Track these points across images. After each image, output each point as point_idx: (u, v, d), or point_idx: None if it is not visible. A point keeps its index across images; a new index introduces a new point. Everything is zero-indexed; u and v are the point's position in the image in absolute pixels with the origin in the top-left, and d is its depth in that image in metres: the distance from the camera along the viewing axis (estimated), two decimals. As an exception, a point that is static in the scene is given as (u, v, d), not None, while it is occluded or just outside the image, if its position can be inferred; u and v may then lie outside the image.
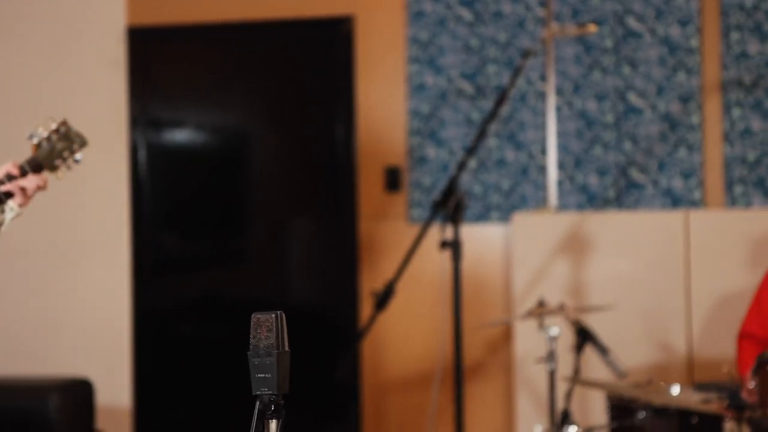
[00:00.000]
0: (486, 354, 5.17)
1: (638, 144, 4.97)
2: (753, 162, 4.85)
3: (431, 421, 4.49)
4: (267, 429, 1.45)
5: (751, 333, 3.90)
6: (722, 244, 4.61)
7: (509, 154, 5.14)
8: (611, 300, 4.68)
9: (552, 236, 4.78)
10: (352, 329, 5.26)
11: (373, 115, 5.35)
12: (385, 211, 5.33)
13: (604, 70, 5.02)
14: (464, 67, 5.19)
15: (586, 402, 4.55)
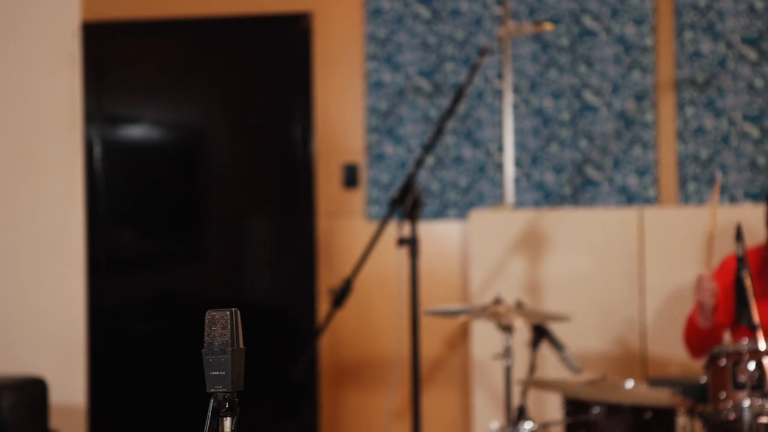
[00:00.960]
0: (443, 351, 5.19)
1: (594, 142, 5.01)
2: (706, 160, 4.91)
3: (388, 418, 4.50)
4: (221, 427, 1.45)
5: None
6: (675, 241, 4.66)
7: (466, 151, 5.16)
8: (567, 296, 4.71)
9: (509, 233, 4.81)
10: (310, 326, 5.25)
11: (330, 112, 5.35)
12: (343, 208, 5.33)
13: (561, 68, 5.05)
14: (422, 64, 5.21)
15: (541, 398, 4.58)
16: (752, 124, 4.85)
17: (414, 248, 4.32)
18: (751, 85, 4.85)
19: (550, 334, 3.77)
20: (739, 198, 4.85)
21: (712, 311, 3.74)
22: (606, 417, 3.43)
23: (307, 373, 5.24)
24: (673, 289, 4.64)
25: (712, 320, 3.76)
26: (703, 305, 3.73)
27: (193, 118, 5.51)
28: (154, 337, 5.48)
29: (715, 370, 3.34)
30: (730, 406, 3.22)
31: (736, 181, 4.87)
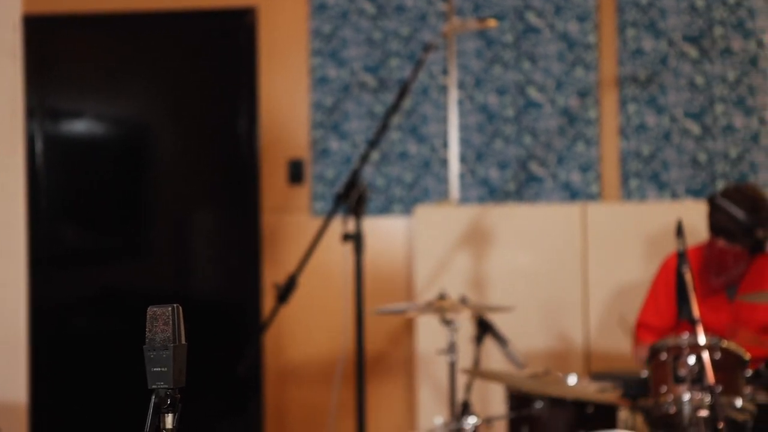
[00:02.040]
0: (388, 346, 5.20)
1: (538, 138, 5.05)
2: (648, 156, 4.96)
3: (333, 414, 4.50)
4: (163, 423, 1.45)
5: (647, 323, 4.00)
6: (618, 237, 4.71)
7: (411, 147, 5.17)
8: (511, 291, 4.75)
9: (454, 229, 4.82)
10: (255, 322, 5.24)
11: (276, 108, 5.33)
12: (288, 203, 5.32)
13: (505, 64, 5.08)
14: (367, 60, 5.21)
15: (485, 393, 4.61)
16: (693, 121, 4.91)
17: (359, 244, 4.32)
18: (692, 82, 4.92)
19: (495, 329, 3.80)
20: (681, 194, 4.92)
21: None
22: (549, 411, 3.46)
23: (252, 369, 5.22)
24: (616, 285, 4.69)
25: None
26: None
27: (136, 113, 5.46)
28: (97, 333, 5.43)
29: (656, 365, 3.38)
30: (670, 400, 3.26)
31: (678, 177, 4.93)
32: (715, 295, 3.90)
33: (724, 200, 3.77)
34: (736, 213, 3.72)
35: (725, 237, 3.79)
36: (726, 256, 3.81)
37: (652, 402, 3.34)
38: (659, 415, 3.31)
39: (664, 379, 3.32)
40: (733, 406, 3.27)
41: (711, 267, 3.87)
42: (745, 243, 3.78)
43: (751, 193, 3.79)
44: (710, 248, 3.85)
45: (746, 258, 3.82)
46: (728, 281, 3.88)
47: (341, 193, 4.34)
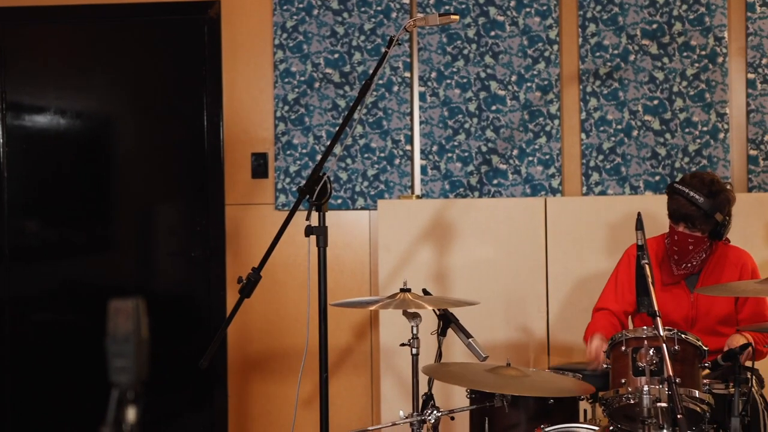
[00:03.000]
0: (352, 339, 5.21)
1: (499, 132, 5.08)
2: (608, 151, 5.01)
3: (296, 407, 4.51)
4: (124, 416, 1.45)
5: (605, 307, 4.03)
6: (579, 231, 4.75)
7: (375, 141, 5.18)
8: (473, 284, 4.77)
9: (416, 222, 4.85)
10: (219, 316, 5.24)
11: (239, 102, 5.32)
12: (252, 197, 5.31)
13: (467, 59, 5.11)
14: (330, 54, 5.22)
15: (448, 385, 4.63)
16: (653, 115, 4.96)
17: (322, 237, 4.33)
18: (652, 77, 4.96)
19: (457, 321, 3.82)
20: (641, 188, 4.97)
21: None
22: (510, 404, 3.49)
23: (216, 362, 5.22)
24: (576, 278, 4.73)
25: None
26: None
27: (99, 106, 5.43)
28: (59, 327, 5.40)
29: (617, 356, 3.42)
30: (630, 391, 3.30)
31: (638, 172, 4.98)
32: (676, 284, 3.95)
33: (682, 186, 3.82)
34: (694, 198, 3.77)
35: (685, 223, 3.83)
36: (686, 244, 3.85)
37: (612, 393, 3.38)
38: (619, 406, 3.35)
39: (624, 371, 3.36)
40: (691, 397, 3.32)
41: (671, 256, 3.91)
42: (704, 228, 3.82)
43: (708, 178, 3.84)
44: (671, 237, 3.90)
45: (706, 246, 3.87)
46: (688, 271, 3.92)
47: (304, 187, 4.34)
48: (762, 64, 4.88)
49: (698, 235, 3.82)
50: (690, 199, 3.77)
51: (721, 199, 3.79)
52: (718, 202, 3.78)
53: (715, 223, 3.79)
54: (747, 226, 4.59)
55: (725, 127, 4.90)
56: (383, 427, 4.69)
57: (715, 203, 3.77)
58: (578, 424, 3.49)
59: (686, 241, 3.84)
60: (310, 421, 4.90)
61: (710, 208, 3.77)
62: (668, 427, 3.32)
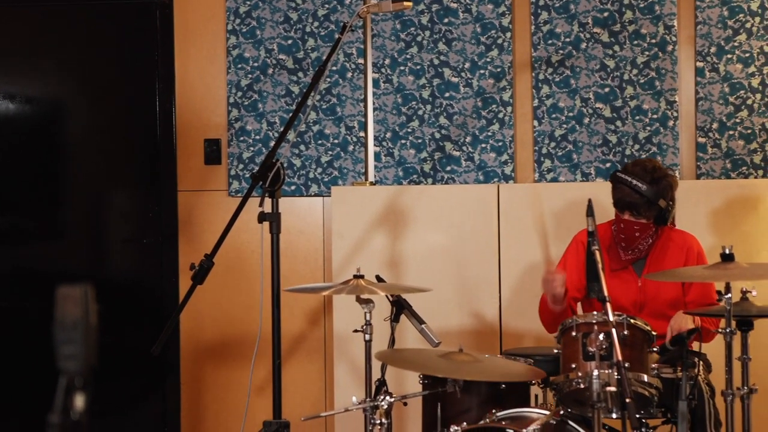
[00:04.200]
0: (305, 326, 5.22)
1: (453, 119, 5.10)
2: (559, 138, 5.05)
3: (249, 394, 4.51)
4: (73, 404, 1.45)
5: None
6: (531, 217, 4.79)
7: (328, 127, 5.18)
8: (426, 270, 4.79)
9: (370, 209, 4.85)
10: (171, 302, 5.22)
11: (192, 88, 5.30)
12: (205, 184, 5.30)
13: (421, 46, 5.12)
14: (283, 40, 5.20)
15: (401, 371, 4.65)
16: (604, 103, 5.00)
17: (275, 224, 4.33)
18: (603, 65, 5.01)
19: (410, 308, 3.83)
20: (592, 175, 5.01)
21: (563, 297, 3.87)
22: (462, 389, 3.51)
23: (169, 349, 5.20)
24: (528, 264, 4.76)
25: (563, 304, 3.88)
26: (554, 296, 3.86)
27: (50, 91, 5.38)
28: (9, 314, 5.35)
29: (567, 342, 3.46)
30: (580, 376, 3.34)
31: (589, 159, 5.02)
32: (624, 270, 3.99)
33: (625, 175, 3.86)
34: (637, 186, 3.82)
35: (630, 211, 3.88)
36: (632, 231, 3.90)
37: (562, 378, 3.41)
38: (569, 390, 3.38)
39: (574, 356, 3.40)
40: (640, 381, 3.36)
41: (619, 243, 3.96)
42: (649, 215, 3.87)
43: (650, 165, 3.89)
44: (617, 224, 3.94)
45: (652, 231, 3.92)
46: (635, 256, 3.97)
47: (257, 174, 4.34)
48: (710, 53, 4.94)
49: (643, 222, 3.88)
50: (633, 187, 3.82)
51: (664, 185, 3.85)
52: (661, 188, 3.84)
53: (659, 209, 3.85)
54: (695, 213, 4.65)
55: (674, 115, 4.96)
56: (336, 413, 4.71)
57: (658, 190, 3.83)
58: (529, 409, 3.53)
59: (632, 229, 3.89)
60: (263, 408, 4.90)
61: (653, 195, 3.82)
62: (617, 411, 3.37)
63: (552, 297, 3.87)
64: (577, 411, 3.44)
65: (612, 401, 3.27)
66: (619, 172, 3.90)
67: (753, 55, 4.91)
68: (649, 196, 3.82)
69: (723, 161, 4.93)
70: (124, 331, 5.25)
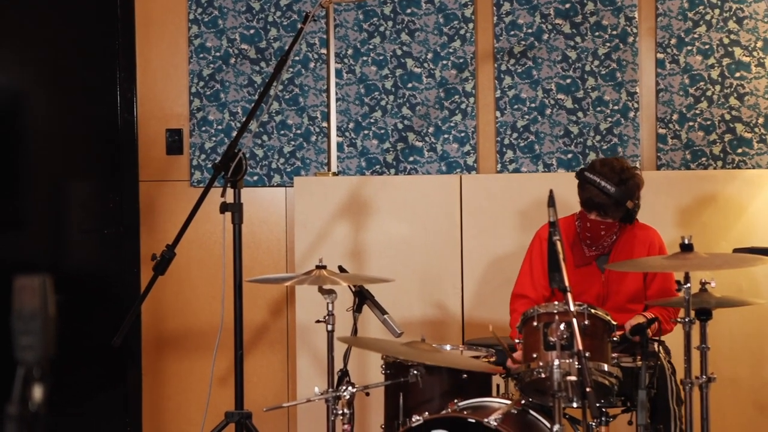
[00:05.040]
0: (267, 316, 5.21)
1: (415, 110, 5.10)
2: (522, 129, 5.06)
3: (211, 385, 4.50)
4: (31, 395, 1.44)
5: (523, 294, 4.08)
6: (493, 208, 4.80)
7: (291, 118, 5.17)
8: (389, 261, 4.80)
9: (333, 199, 4.85)
10: (132, 293, 5.19)
11: (153, 77, 5.27)
12: (167, 174, 5.27)
13: (383, 36, 5.12)
14: (246, 30, 5.18)
15: (363, 362, 4.66)
16: (565, 94, 5.03)
17: (237, 214, 4.32)
18: (565, 56, 5.03)
19: (372, 298, 3.84)
20: (554, 166, 5.03)
21: None
22: (424, 378, 3.52)
23: (130, 340, 5.17)
24: (490, 255, 4.78)
25: None
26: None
27: (10, 80, 5.32)
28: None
29: (528, 331, 3.47)
30: (541, 366, 3.36)
31: (551, 150, 5.04)
32: (587, 265, 4.01)
33: (592, 175, 3.87)
34: (606, 188, 3.83)
35: (597, 211, 3.89)
36: (598, 230, 3.92)
37: (523, 368, 3.43)
38: (530, 380, 3.40)
39: (535, 345, 3.42)
40: (600, 371, 3.38)
41: (584, 239, 3.98)
42: (616, 215, 3.90)
43: (618, 165, 3.90)
44: (582, 222, 3.96)
45: (616, 228, 3.95)
46: (599, 251, 3.99)
47: (219, 164, 4.32)
48: (671, 44, 4.97)
49: (610, 222, 3.90)
50: (602, 189, 3.83)
51: (631, 186, 3.87)
52: (628, 189, 3.86)
53: (626, 209, 3.87)
54: (655, 204, 4.68)
55: (635, 106, 4.99)
56: (298, 404, 4.71)
57: (625, 191, 3.85)
58: (491, 399, 3.55)
59: (598, 228, 3.91)
60: (225, 399, 4.89)
61: (621, 196, 3.84)
62: (577, 400, 3.39)
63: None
64: (538, 400, 3.46)
65: (572, 390, 3.29)
66: (587, 172, 3.89)
67: (713, 46, 4.95)
68: (616, 197, 3.84)
69: (683, 152, 4.97)
70: (85, 321, 5.21)
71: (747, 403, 4.71)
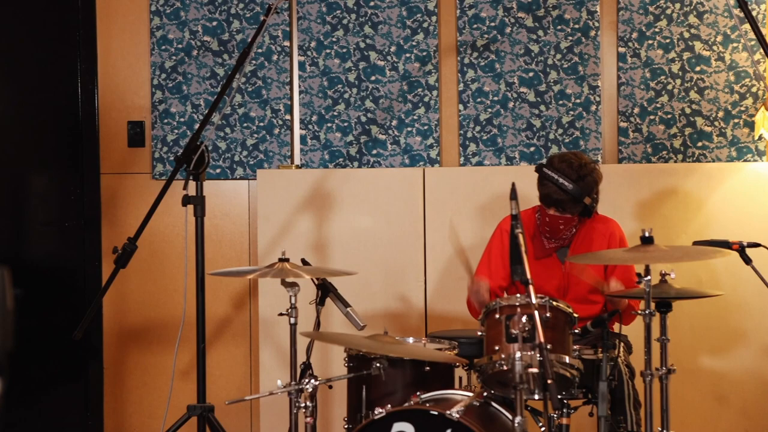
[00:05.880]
0: (230, 309, 5.20)
1: (379, 103, 5.10)
2: (484, 122, 5.08)
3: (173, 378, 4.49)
4: (-10, 388, 1.43)
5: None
6: (456, 201, 4.82)
7: (254, 110, 5.15)
8: (352, 254, 4.80)
9: (296, 192, 4.84)
10: (94, 286, 5.15)
11: (115, 69, 5.23)
12: (129, 166, 5.24)
13: (347, 29, 5.11)
14: (209, 22, 5.16)
15: (326, 354, 4.66)
16: (528, 87, 5.05)
17: (199, 207, 4.31)
18: (528, 49, 5.04)
19: (335, 291, 3.84)
20: (516, 159, 5.05)
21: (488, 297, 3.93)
22: (387, 371, 3.53)
23: (91, 333, 5.15)
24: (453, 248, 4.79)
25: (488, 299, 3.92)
26: (480, 303, 3.90)
27: (-33, 71, 5.27)
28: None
29: (490, 324, 3.48)
30: (503, 358, 3.37)
31: (513, 142, 5.06)
32: (547, 256, 4.04)
33: (551, 171, 3.89)
34: (564, 185, 3.86)
35: (556, 207, 3.92)
36: (557, 225, 3.95)
37: (485, 360, 3.44)
38: (492, 372, 3.41)
39: (497, 338, 3.43)
40: (561, 363, 3.40)
41: (543, 232, 4.00)
42: (574, 211, 3.92)
43: (576, 162, 3.91)
44: (542, 217, 3.98)
45: (575, 222, 3.97)
46: (559, 244, 4.02)
47: (182, 156, 4.31)
48: (632, 38, 5.00)
49: (568, 216, 3.93)
50: (560, 185, 3.86)
51: (589, 182, 3.89)
52: (586, 185, 3.88)
53: (584, 205, 3.90)
54: (617, 197, 4.72)
55: (597, 100, 5.02)
56: (261, 397, 4.70)
57: (583, 187, 3.87)
58: (453, 391, 3.56)
59: (557, 222, 3.94)
60: (188, 392, 4.88)
61: (579, 193, 3.86)
62: (539, 392, 3.41)
63: (478, 304, 3.92)
64: (500, 392, 3.48)
65: (534, 382, 3.31)
66: (546, 168, 3.91)
67: (673, 40, 4.99)
68: (574, 194, 3.86)
69: (644, 146, 5.01)
70: (45, 315, 5.17)
71: (706, 394, 4.77)
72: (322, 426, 4.68)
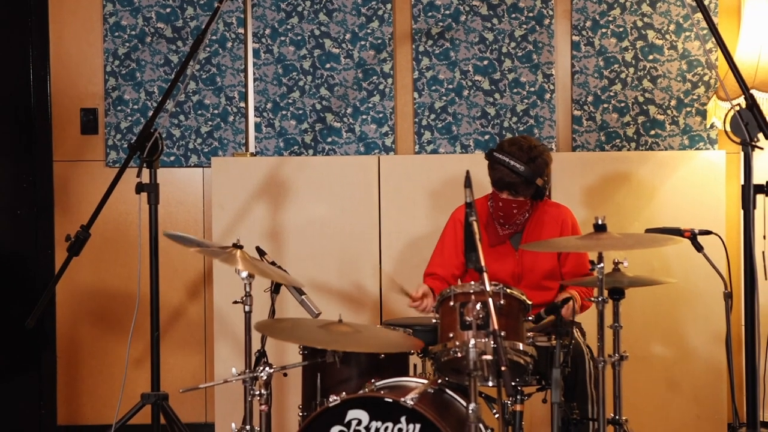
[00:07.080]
0: (185, 298, 5.18)
1: (334, 90, 5.10)
2: (439, 110, 5.09)
3: (127, 366, 4.47)
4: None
5: (433, 273, 4.13)
6: (411, 189, 4.83)
7: (208, 98, 5.13)
8: (308, 242, 4.80)
9: (251, 180, 4.83)
10: (47, 275, 5.11)
11: (67, 56, 5.18)
12: (82, 153, 5.20)
13: (301, 16, 5.09)
14: (162, 8, 5.12)
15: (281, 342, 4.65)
16: (483, 75, 5.06)
17: (153, 195, 4.29)
18: (482, 37, 5.06)
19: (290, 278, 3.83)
20: (471, 147, 5.07)
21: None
22: (342, 359, 3.53)
23: (44, 322, 5.11)
24: (408, 236, 4.81)
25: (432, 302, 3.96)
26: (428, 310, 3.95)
27: None
28: None
29: (445, 311, 3.50)
30: (457, 345, 3.39)
31: (468, 130, 5.08)
32: (501, 244, 4.06)
33: (501, 155, 3.91)
34: (515, 167, 3.88)
35: (508, 190, 3.94)
36: (510, 209, 3.97)
37: (440, 348, 3.46)
38: (447, 359, 3.43)
39: (451, 325, 3.45)
40: (515, 350, 3.43)
41: (497, 219, 4.02)
42: (527, 193, 3.95)
43: (525, 144, 3.95)
44: (495, 202, 4.00)
45: (528, 206, 4.00)
46: (512, 230, 4.04)
47: (135, 143, 4.28)
48: (586, 27, 5.03)
49: (521, 200, 3.95)
50: (511, 168, 3.88)
51: (540, 164, 3.92)
52: (538, 166, 3.91)
53: (536, 187, 3.93)
54: (570, 185, 4.75)
55: (551, 88, 5.05)
56: (215, 384, 4.69)
57: (535, 169, 3.90)
58: (408, 378, 3.57)
59: (510, 206, 3.96)
60: (141, 380, 4.86)
61: (531, 174, 3.89)
62: (493, 379, 3.43)
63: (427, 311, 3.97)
64: (454, 379, 3.49)
65: (488, 369, 3.33)
66: (496, 152, 3.94)
67: (627, 29, 5.02)
68: (526, 176, 3.88)
69: (597, 134, 5.04)
70: (-2, 304, 5.13)
71: (659, 381, 4.82)
72: (277, 414, 4.68)
